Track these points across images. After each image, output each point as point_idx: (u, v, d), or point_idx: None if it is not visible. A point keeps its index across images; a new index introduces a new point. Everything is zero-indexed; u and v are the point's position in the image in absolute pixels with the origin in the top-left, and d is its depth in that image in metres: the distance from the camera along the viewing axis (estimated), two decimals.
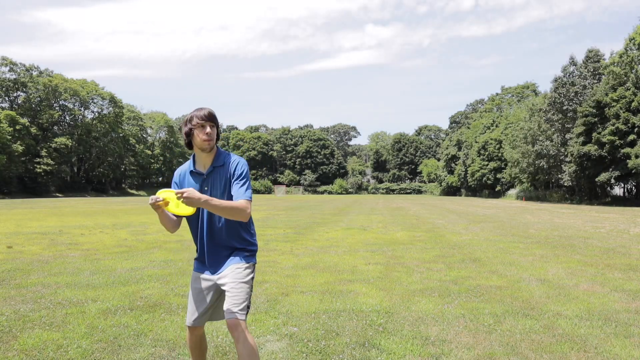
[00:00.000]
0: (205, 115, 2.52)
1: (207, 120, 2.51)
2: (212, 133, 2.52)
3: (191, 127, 2.53)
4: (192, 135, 2.54)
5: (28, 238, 10.87)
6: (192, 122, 2.52)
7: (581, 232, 12.95)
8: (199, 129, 2.52)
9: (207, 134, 2.50)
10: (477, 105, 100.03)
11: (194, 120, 2.52)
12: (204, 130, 2.51)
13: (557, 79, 44.18)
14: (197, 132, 2.52)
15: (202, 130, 2.51)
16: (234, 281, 2.52)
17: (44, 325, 4.12)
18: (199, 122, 2.50)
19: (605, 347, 3.65)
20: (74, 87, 66.88)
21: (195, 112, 2.55)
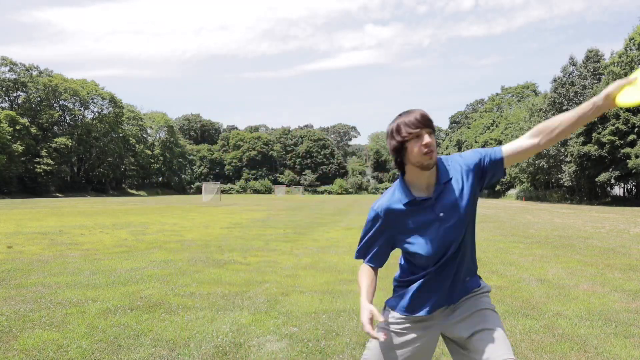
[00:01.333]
0: (417, 120, 1.80)
1: (423, 126, 1.80)
2: (432, 142, 1.80)
3: (401, 140, 1.82)
4: (404, 150, 1.84)
5: (28, 238, 10.87)
6: (402, 133, 1.82)
7: (581, 232, 12.95)
8: (413, 141, 1.81)
9: (427, 144, 1.79)
10: (477, 105, 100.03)
11: (404, 131, 1.82)
12: (419, 140, 1.80)
13: (556, 79, 44.20)
14: (410, 146, 1.82)
15: (417, 141, 1.80)
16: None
17: (44, 325, 4.12)
18: (412, 131, 1.80)
19: (605, 347, 3.65)
20: (74, 87, 66.91)
21: (401, 118, 1.84)
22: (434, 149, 1.81)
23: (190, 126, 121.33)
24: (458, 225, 1.84)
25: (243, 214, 21.51)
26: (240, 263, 7.55)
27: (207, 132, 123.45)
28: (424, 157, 1.79)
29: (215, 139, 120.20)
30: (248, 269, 7.02)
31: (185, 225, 14.82)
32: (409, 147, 1.81)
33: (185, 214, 21.28)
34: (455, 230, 1.84)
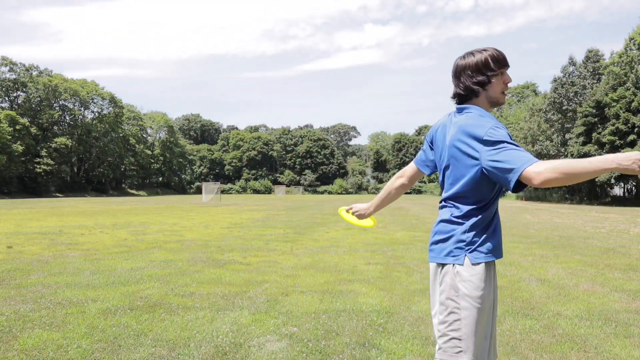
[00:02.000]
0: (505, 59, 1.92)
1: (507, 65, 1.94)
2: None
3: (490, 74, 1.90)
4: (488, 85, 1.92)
5: (28, 238, 10.87)
6: (490, 66, 1.90)
7: (581, 232, 12.95)
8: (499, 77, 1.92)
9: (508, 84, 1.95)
10: None
11: (497, 65, 1.90)
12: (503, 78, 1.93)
13: (556, 79, 44.22)
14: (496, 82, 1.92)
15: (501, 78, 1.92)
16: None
17: (44, 325, 4.12)
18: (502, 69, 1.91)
19: (605, 347, 3.65)
20: (74, 87, 66.93)
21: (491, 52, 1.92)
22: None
23: (190, 126, 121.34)
24: None
25: (243, 214, 21.52)
26: (240, 263, 7.55)
27: (207, 132, 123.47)
28: (501, 95, 1.93)
29: (215, 139, 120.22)
30: (248, 269, 7.02)
31: (185, 225, 14.83)
32: (494, 82, 1.91)
33: (185, 214, 21.28)
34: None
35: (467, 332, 1.84)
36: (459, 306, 1.86)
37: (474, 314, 1.85)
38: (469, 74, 1.94)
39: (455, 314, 1.86)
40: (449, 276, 1.90)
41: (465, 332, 1.84)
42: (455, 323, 1.86)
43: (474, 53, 1.95)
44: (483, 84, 1.92)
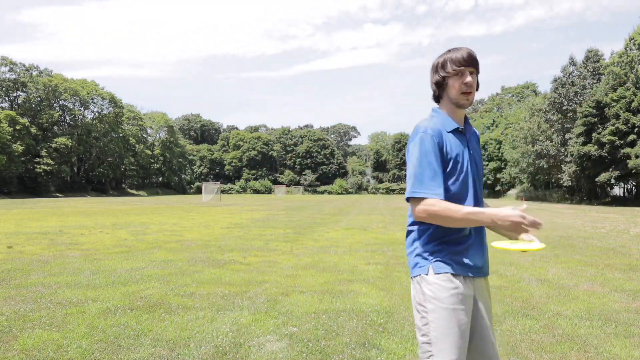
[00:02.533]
0: (464, 58, 1.87)
1: (468, 64, 1.87)
2: (472, 82, 1.88)
3: (445, 75, 1.91)
4: (445, 85, 1.93)
5: (28, 238, 10.87)
6: (447, 68, 1.90)
7: (581, 232, 12.95)
8: (455, 78, 1.89)
9: (467, 83, 1.87)
10: (477, 105, 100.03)
11: (449, 67, 1.89)
12: (462, 78, 1.88)
13: (556, 79, 44.20)
14: (452, 82, 1.90)
15: (459, 78, 1.89)
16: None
17: (44, 325, 4.12)
18: (456, 68, 1.88)
19: (605, 347, 3.65)
20: (74, 87, 66.93)
21: (450, 54, 1.91)
22: (472, 91, 1.89)
23: (190, 126, 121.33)
24: (481, 172, 1.98)
25: (243, 214, 21.52)
26: (240, 263, 7.55)
27: (207, 132, 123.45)
28: (461, 95, 1.88)
29: (215, 139, 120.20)
30: (248, 269, 7.02)
31: (185, 225, 14.83)
32: (450, 83, 1.90)
33: (185, 214, 21.28)
34: (480, 175, 1.97)
35: (436, 335, 1.79)
36: (426, 309, 1.83)
37: (443, 315, 1.80)
38: (431, 74, 1.99)
39: (424, 318, 1.85)
40: (415, 283, 1.92)
41: (434, 335, 1.80)
42: (424, 327, 1.83)
43: (442, 54, 1.97)
44: (439, 85, 1.94)
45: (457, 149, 1.89)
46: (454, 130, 1.91)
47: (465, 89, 1.87)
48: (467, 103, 1.90)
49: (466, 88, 1.87)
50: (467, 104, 1.90)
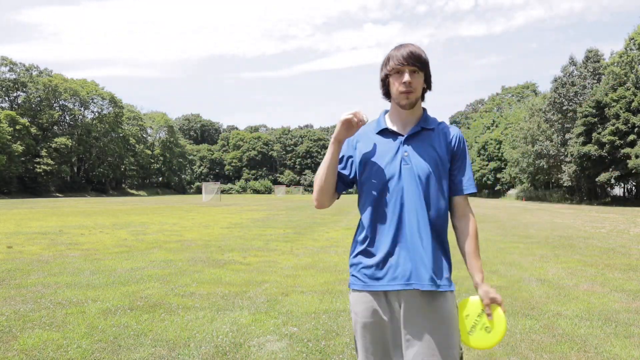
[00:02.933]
0: (403, 56, 1.75)
1: (407, 63, 1.74)
2: (411, 82, 1.75)
3: (387, 73, 1.80)
4: (388, 83, 1.82)
5: (28, 238, 10.87)
6: (388, 65, 1.79)
7: (581, 232, 12.95)
8: (395, 76, 1.78)
9: (405, 83, 1.75)
10: (477, 105, 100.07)
11: (390, 64, 1.78)
12: (400, 77, 1.76)
13: (556, 79, 44.19)
14: (392, 81, 1.79)
15: (398, 77, 1.77)
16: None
17: (44, 325, 4.12)
18: (395, 66, 1.76)
19: (605, 347, 3.65)
20: (74, 87, 66.93)
21: (394, 50, 1.80)
22: (412, 90, 1.75)
23: (190, 126, 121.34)
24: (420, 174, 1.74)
25: (243, 214, 21.51)
26: (240, 263, 7.55)
27: (207, 132, 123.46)
28: (400, 95, 1.76)
29: (215, 139, 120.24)
30: (248, 269, 7.02)
31: (185, 225, 14.82)
32: (391, 81, 1.79)
33: (185, 214, 21.28)
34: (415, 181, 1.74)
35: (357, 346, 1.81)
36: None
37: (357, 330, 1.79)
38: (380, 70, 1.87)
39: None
40: None
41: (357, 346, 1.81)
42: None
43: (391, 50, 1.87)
44: (383, 83, 1.85)
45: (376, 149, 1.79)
46: (381, 131, 1.82)
47: (403, 88, 1.75)
48: (407, 103, 1.77)
49: (404, 87, 1.75)
50: (406, 104, 1.77)
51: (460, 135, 1.86)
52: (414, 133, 1.79)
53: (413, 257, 1.70)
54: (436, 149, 1.79)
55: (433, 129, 1.82)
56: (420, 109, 1.84)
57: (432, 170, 1.75)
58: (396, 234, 1.73)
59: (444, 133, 1.83)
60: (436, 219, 1.76)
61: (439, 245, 1.76)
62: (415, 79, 1.75)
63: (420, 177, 1.74)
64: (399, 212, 1.73)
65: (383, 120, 1.85)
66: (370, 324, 1.74)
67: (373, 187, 1.77)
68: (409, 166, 1.74)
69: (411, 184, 1.73)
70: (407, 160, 1.75)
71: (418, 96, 1.78)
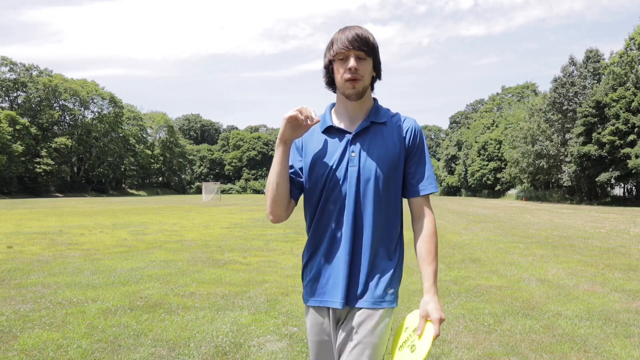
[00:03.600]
0: (348, 39, 1.53)
1: (353, 47, 1.53)
2: (357, 67, 1.54)
3: (330, 58, 1.59)
4: (332, 70, 1.62)
5: (28, 238, 10.87)
6: (332, 50, 1.58)
7: (581, 232, 12.95)
8: (340, 62, 1.56)
9: (350, 69, 1.54)
10: (477, 105, 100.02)
11: (334, 47, 1.57)
12: (345, 63, 1.55)
13: (556, 79, 44.20)
14: (336, 67, 1.58)
15: (343, 63, 1.56)
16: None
17: (44, 325, 4.12)
18: (340, 50, 1.54)
19: (605, 347, 3.65)
20: (74, 87, 66.92)
21: (338, 33, 1.58)
22: (359, 77, 1.54)
23: (190, 126, 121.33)
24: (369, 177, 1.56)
25: (243, 214, 21.51)
26: (240, 263, 7.55)
27: (207, 132, 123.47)
28: (346, 83, 1.55)
29: (215, 139, 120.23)
30: (248, 269, 7.02)
31: (185, 225, 14.83)
32: (335, 68, 1.58)
33: (185, 214, 21.28)
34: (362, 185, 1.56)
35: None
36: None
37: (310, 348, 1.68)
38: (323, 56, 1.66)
39: None
40: None
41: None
42: None
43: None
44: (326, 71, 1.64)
45: (323, 150, 1.60)
46: (326, 129, 1.62)
47: (348, 75, 1.53)
48: (353, 92, 1.55)
49: (349, 74, 1.53)
50: (352, 93, 1.56)
51: (416, 128, 1.65)
52: (362, 129, 1.59)
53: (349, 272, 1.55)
54: (388, 145, 1.59)
55: (385, 123, 1.62)
56: (370, 100, 1.64)
57: (382, 171, 1.56)
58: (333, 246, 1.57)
59: (398, 126, 1.63)
60: (384, 227, 1.59)
61: (385, 256, 1.60)
62: (362, 65, 1.55)
63: (368, 180, 1.55)
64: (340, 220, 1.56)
65: (329, 117, 1.65)
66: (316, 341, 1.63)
67: (316, 194, 1.59)
68: (356, 168, 1.56)
69: (358, 188, 1.56)
70: (354, 162, 1.56)
71: (366, 85, 1.58)
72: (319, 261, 1.61)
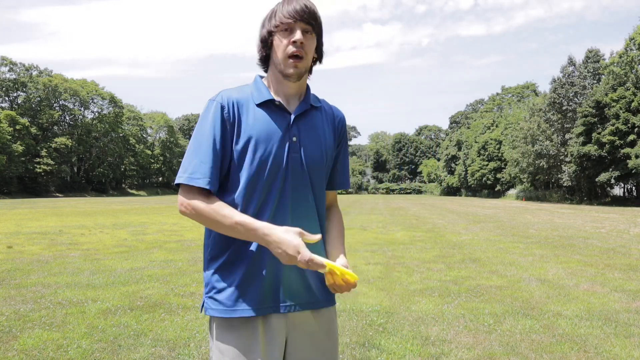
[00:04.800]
0: (295, 9, 1.36)
1: (300, 19, 1.36)
2: (304, 42, 1.36)
3: (270, 29, 1.39)
4: (271, 45, 1.41)
5: (28, 238, 10.87)
6: (274, 20, 1.38)
7: (581, 232, 12.95)
8: (281, 34, 1.37)
9: (296, 42, 1.35)
10: (477, 105, 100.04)
11: (277, 17, 1.37)
12: (290, 35, 1.36)
13: (556, 79, 44.21)
14: (277, 41, 1.38)
15: (287, 35, 1.36)
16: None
17: (44, 325, 4.12)
18: (285, 19, 1.36)
19: (605, 347, 3.65)
20: (74, 87, 66.91)
21: (281, 4, 1.40)
22: (304, 55, 1.36)
23: (190, 126, 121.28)
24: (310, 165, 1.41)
25: None
26: None
27: None
28: (287, 60, 1.35)
29: None
30: None
31: (185, 225, 14.82)
32: (276, 41, 1.37)
33: None
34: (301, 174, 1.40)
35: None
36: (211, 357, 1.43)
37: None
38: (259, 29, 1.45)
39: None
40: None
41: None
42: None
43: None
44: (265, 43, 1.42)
45: (262, 127, 1.36)
46: (265, 103, 1.39)
47: (292, 49, 1.34)
48: (294, 72, 1.36)
49: (294, 48, 1.34)
50: (293, 73, 1.36)
51: (344, 120, 1.55)
52: (302, 112, 1.42)
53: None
54: (326, 134, 1.46)
55: (319, 108, 1.49)
56: (305, 83, 1.46)
57: (320, 160, 1.43)
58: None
59: (331, 114, 1.51)
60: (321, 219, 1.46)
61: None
62: (308, 41, 1.37)
63: (308, 169, 1.40)
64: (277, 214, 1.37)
65: (264, 89, 1.42)
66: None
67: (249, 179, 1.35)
68: (297, 155, 1.39)
69: (297, 177, 1.39)
70: (296, 148, 1.39)
71: (307, 66, 1.40)
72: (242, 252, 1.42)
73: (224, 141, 1.35)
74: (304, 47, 1.36)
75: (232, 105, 1.37)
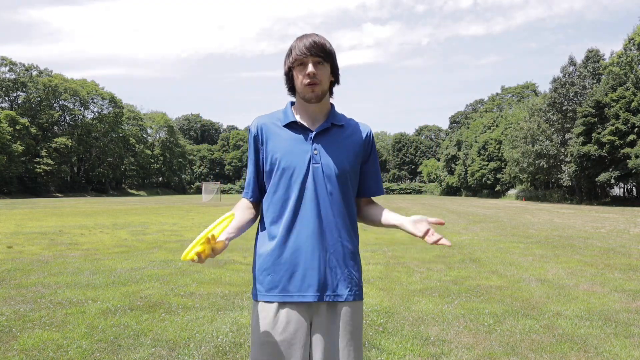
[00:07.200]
0: (306, 47, 1.63)
1: (310, 54, 1.63)
2: (316, 73, 1.63)
3: (290, 65, 1.69)
4: (292, 76, 1.71)
5: (28, 238, 10.87)
6: (291, 57, 1.67)
7: (581, 232, 12.95)
8: (299, 69, 1.66)
9: (309, 74, 1.63)
10: (477, 105, 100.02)
11: (293, 54, 1.66)
12: (304, 69, 1.64)
13: (556, 79, 44.22)
14: (296, 74, 1.67)
15: (302, 69, 1.65)
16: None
17: (44, 325, 4.12)
18: (298, 56, 1.64)
19: (605, 347, 3.65)
20: (73, 87, 66.92)
21: (296, 41, 1.68)
22: (317, 82, 1.63)
23: (190, 126, 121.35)
24: (330, 175, 1.65)
25: None
26: (240, 263, 7.55)
27: (207, 132, 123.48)
28: (305, 88, 1.64)
29: (215, 139, 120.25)
30: (248, 269, 7.02)
31: (185, 225, 14.82)
32: (295, 74, 1.67)
33: (185, 214, 21.28)
34: (323, 182, 1.64)
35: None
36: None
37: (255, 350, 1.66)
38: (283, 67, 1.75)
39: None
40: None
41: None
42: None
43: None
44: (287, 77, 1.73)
45: (286, 144, 1.67)
46: (289, 124, 1.69)
47: (307, 80, 1.62)
48: (313, 96, 1.64)
49: (308, 79, 1.62)
50: (312, 97, 1.64)
51: (372, 134, 1.78)
52: (324, 129, 1.69)
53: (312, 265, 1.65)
54: (347, 147, 1.70)
55: (343, 126, 1.73)
56: (328, 104, 1.74)
57: (342, 170, 1.66)
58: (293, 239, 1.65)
59: (356, 130, 1.75)
60: (343, 224, 1.67)
61: (348, 247, 1.70)
62: (320, 70, 1.64)
63: (329, 178, 1.64)
64: (297, 214, 1.64)
65: (290, 112, 1.72)
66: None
67: (278, 187, 1.66)
68: (318, 165, 1.64)
69: (319, 185, 1.63)
70: (317, 159, 1.65)
71: (325, 89, 1.67)
72: (268, 248, 1.71)
73: (257, 160, 1.73)
74: (317, 76, 1.63)
75: (260, 130, 1.72)
